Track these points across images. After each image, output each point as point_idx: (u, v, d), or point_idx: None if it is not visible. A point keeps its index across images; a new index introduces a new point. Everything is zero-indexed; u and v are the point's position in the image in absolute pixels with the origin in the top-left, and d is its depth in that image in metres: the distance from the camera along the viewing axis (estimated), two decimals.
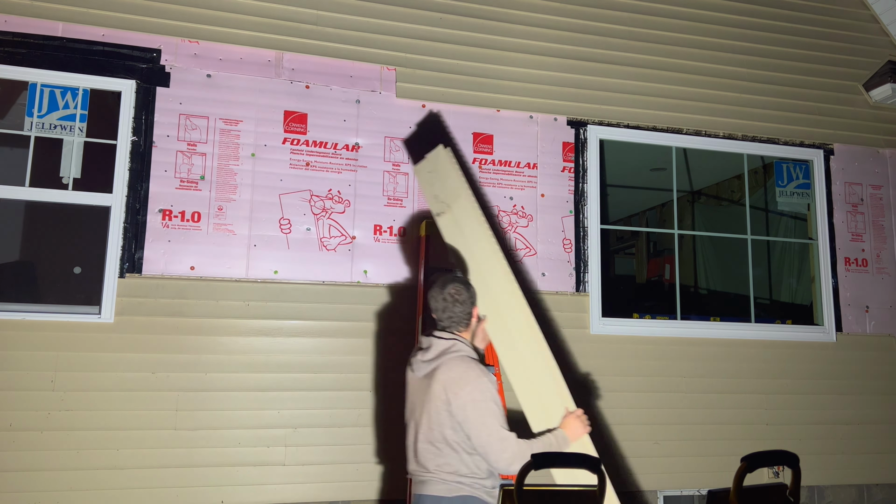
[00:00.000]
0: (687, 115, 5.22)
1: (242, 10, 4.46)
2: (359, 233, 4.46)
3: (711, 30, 5.39)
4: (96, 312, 4.02)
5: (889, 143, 5.65)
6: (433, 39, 4.78)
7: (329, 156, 4.50)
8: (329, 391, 4.26)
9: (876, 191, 5.59)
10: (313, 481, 4.16)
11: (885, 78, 5.56)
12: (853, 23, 5.76)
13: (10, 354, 3.86)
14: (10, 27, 4.10)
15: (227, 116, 4.37)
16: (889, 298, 5.44)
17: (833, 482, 5.05)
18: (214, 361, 4.11)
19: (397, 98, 4.66)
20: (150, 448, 3.95)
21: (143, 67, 4.27)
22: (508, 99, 4.86)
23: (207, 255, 4.20)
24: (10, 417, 3.81)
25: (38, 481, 3.80)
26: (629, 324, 4.88)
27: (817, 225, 5.45)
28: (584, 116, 5.00)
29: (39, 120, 4.14)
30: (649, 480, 4.70)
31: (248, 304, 4.20)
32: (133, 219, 4.13)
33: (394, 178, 4.59)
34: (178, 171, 4.25)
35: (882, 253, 5.51)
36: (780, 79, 5.47)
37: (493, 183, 4.75)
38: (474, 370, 2.81)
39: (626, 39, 5.18)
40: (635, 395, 4.75)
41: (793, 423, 5.02)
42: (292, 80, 4.51)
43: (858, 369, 5.23)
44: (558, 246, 4.80)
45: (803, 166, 5.54)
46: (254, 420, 4.12)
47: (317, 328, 4.30)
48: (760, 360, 5.05)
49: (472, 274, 3.46)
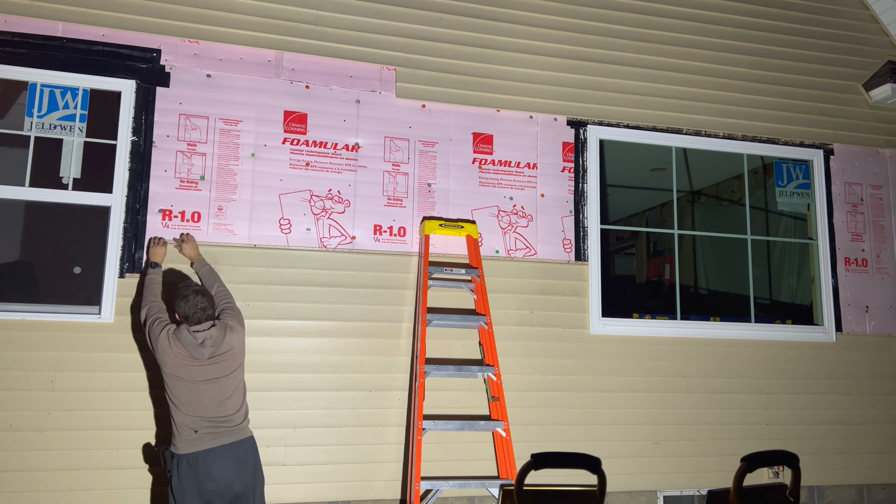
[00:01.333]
0: (687, 115, 5.22)
1: (242, 10, 4.46)
2: (359, 233, 4.46)
3: (711, 30, 5.39)
4: (96, 312, 4.02)
5: (889, 143, 5.66)
6: (433, 39, 4.78)
7: (329, 156, 4.50)
8: (329, 391, 4.26)
9: (876, 191, 5.59)
10: (313, 481, 4.16)
11: (885, 78, 5.56)
12: (853, 23, 5.76)
13: (10, 354, 3.86)
14: (10, 27, 4.10)
15: (227, 116, 4.37)
16: (889, 298, 5.44)
17: (833, 482, 5.05)
18: None
19: (397, 98, 4.66)
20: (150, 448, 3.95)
21: (143, 67, 4.27)
22: (508, 99, 4.86)
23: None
24: (10, 417, 3.81)
25: (38, 481, 3.80)
26: (629, 324, 4.88)
27: (817, 225, 5.45)
28: (584, 116, 5.00)
29: (39, 120, 4.13)
30: (649, 480, 4.70)
31: (247, 304, 4.20)
32: (133, 219, 4.13)
33: (394, 178, 4.59)
34: (178, 171, 4.25)
35: (882, 253, 5.51)
36: (779, 79, 5.48)
37: (493, 183, 4.76)
38: None
39: (626, 39, 5.18)
40: (635, 395, 4.75)
41: (793, 423, 5.02)
42: (292, 80, 4.50)
43: (858, 369, 5.23)
44: (558, 246, 4.80)
45: (803, 166, 5.54)
46: (254, 420, 4.11)
47: (317, 328, 4.30)
48: (760, 360, 5.05)
49: None
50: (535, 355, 4.61)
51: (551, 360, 4.63)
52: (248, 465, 3.44)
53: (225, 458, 3.35)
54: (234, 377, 3.49)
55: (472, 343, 4.51)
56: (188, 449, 3.33)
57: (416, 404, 4.06)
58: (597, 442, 4.54)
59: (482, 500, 4.43)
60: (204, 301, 3.46)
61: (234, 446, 3.40)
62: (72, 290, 5.47)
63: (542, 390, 4.58)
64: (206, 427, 3.36)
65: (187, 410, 3.37)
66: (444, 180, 4.67)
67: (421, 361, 4.14)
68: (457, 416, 4.32)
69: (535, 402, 4.54)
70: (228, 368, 3.47)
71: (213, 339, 3.42)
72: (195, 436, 3.34)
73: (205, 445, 3.34)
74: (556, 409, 4.58)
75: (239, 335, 3.56)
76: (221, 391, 3.43)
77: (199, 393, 3.38)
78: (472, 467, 4.34)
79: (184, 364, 3.38)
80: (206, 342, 3.40)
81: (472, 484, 4.15)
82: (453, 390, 4.38)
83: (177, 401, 3.39)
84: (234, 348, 3.51)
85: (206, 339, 3.41)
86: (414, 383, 4.24)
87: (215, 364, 3.42)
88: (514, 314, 4.62)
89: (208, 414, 3.38)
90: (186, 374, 3.38)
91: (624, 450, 4.66)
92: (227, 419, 3.42)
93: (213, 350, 3.42)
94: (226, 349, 3.47)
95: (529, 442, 4.35)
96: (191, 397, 3.38)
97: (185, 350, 3.38)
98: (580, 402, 4.64)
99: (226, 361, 3.46)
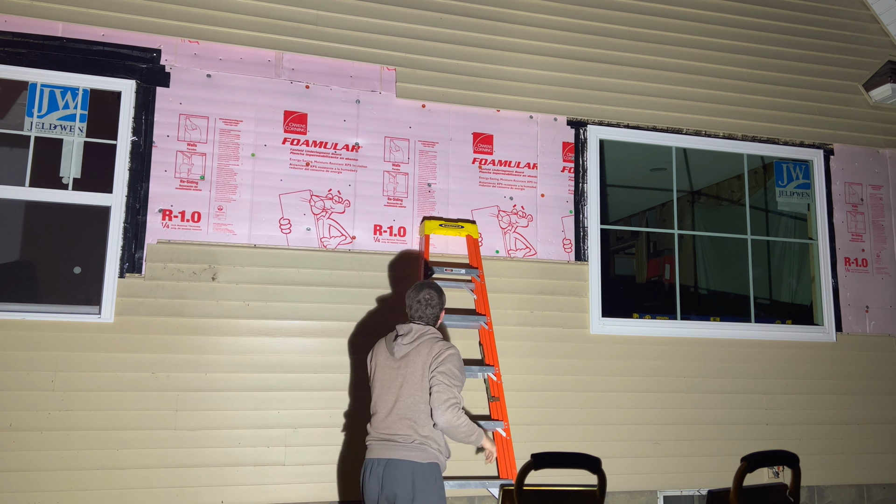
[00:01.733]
0: (687, 115, 5.22)
1: (242, 10, 4.46)
2: (359, 233, 4.46)
3: (711, 30, 5.39)
4: (96, 312, 4.02)
5: (889, 143, 5.66)
6: (433, 39, 4.78)
7: (329, 156, 4.50)
8: (329, 391, 4.26)
9: (876, 191, 5.59)
10: (313, 481, 4.16)
11: (885, 78, 5.56)
12: (853, 23, 5.76)
13: (10, 354, 3.86)
14: (10, 27, 4.10)
15: (227, 116, 4.37)
16: (889, 298, 5.44)
17: (833, 482, 5.05)
18: (214, 361, 4.11)
19: (397, 98, 4.66)
20: (149, 448, 3.95)
21: (143, 67, 4.27)
22: (508, 99, 4.86)
23: None
24: (10, 417, 3.81)
25: (38, 481, 3.80)
26: (629, 324, 4.88)
27: (817, 225, 5.45)
28: (584, 116, 5.00)
29: (39, 120, 4.13)
30: (649, 480, 4.70)
31: (247, 304, 4.20)
32: (133, 219, 4.13)
33: (394, 178, 4.59)
34: (178, 171, 4.25)
35: (882, 253, 5.51)
36: (780, 79, 5.48)
37: (493, 183, 4.76)
38: (448, 344, 3.35)
39: (626, 39, 5.18)
40: (635, 395, 4.75)
41: (793, 423, 5.02)
42: (292, 80, 4.51)
43: (858, 369, 5.24)
44: (558, 246, 4.80)
45: (803, 166, 5.54)
46: (254, 420, 4.12)
47: (317, 328, 4.30)
48: (760, 360, 5.05)
49: None
50: (535, 355, 4.61)
51: (551, 360, 4.63)
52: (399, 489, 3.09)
53: (377, 472, 3.16)
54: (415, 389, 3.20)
55: (472, 343, 4.51)
56: (366, 454, 3.28)
57: None
58: (597, 442, 4.54)
59: (482, 500, 4.43)
60: (430, 294, 3.37)
61: (393, 464, 3.13)
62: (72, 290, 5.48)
63: (543, 390, 4.58)
64: (378, 434, 3.24)
65: (372, 411, 3.31)
66: (444, 180, 4.67)
67: None
68: None
69: (535, 402, 4.54)
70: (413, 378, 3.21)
71: (412, 334, 3.28)
72: (370, 441, 3.27)
73: (373, 454, 3.23)
74: (556, 409, 4.58)
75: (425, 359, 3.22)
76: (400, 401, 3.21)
77: (382, 394, 3.28)
78: (472, 467, 4.34)
79: (382, 359, 3.34)
80: (402, 338, 3.29)
81: (473, 484, 4.15)
82: None
83: (372, 399, 3.33)
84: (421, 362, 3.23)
85: (406, 332, 3.30)
86: None
87: (406, 369, 3.24)
88: (514, 314, 4.62)
89: (382, 420, 3.23)
90: (380, 370, 3.32)
91: (624, 450, 4.66)
92: (396, 432, 3.18)
93: (407, 349, 3.27)
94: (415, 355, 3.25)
95: (529, 442, 4.35)
96: (376, 396, 3.30)
97: (385, 347, 3.35)
98: (580, 402, 4.64)
99: (411, 367, 3.23)
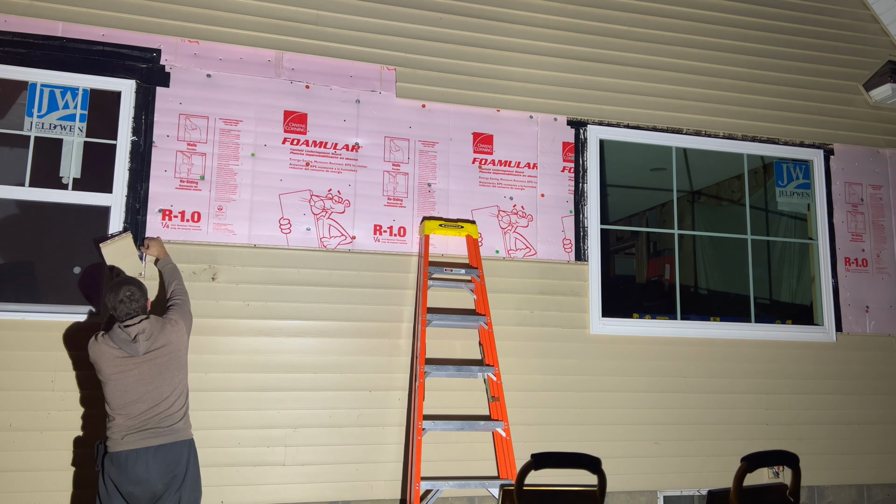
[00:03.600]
0: (687, 115, 5.22)
1: (242, 10, 4.46)
2: (359, 233, 4.46)
3: (711, 30, 5.39)
4: (96, 313, 4.02)
5: (889, 143, 5.65)
6: (433, 39, 4.78)
7: (329, 156, 4.50)
8: (329, 391, 4.26)
9: (876, 191, 5.59)
10: (313, 481, 4.16)
11: (885, 78, 5.56)
12: (853, 23, 5.76)
13: (10, 354, 3.86)
14: (10, 27, 4.10)
15: (227, 116, 4.37)
16: (889, 298, 5.44)
17: (833, 482, 5.05)
18: (214, 361, 4.11)
19: (397, 98, 4.66)
20: None
21: (142, 67, 4.27)
22: (508, 99, 4.86)
23: None
24: (10, 417, 3.81)
25: (38, 481, 3.80)
26: (629, 324, 4.87)
27: (817, 225, 5.45)
28: (584, 116, 5.00)
29: (39, 120, 4.13)
30: (649, 480, 4.70)
31: (247, 304, 4.20)
32: (133, 219, 4.13)
33: (394, 178, 4.59)
34: (177, 171, 4.25)
35: (882, 253, 5.50)
36: (779, 79, 5.47)
37: (493, 183, 4.75)
38: None
39: (626, 39, 5.18)
40: (635, 394, 4.75)
41: (793, 423, 5.02)
42: (292, 80, 4.50)
43: (858, 369, 5.23)
44: (558, 246, 4.80)
45: (803, 166, 5.54)
46: (254, 420, 4.12)
47: (317, 328, 4.30)
48: (760, 360, 5.04)
49: None
50: (535, 355, 4.61)
51: (551, 360, 4.63)
52: (178, 469, 3.28)
53: (150, 459, 3.20)
54: (173, 377, 3.35)
55: (472, 343, 4.51)
56: (116, 447, 3.22)
57: (416, 404, 4.06)
58: (597, 442, 4.54)
59: (482, 500, 4.43)
60: (132, 290, 3.31)
61: (164, 448, 3.25)
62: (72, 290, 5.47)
63: (543, 390, 4.58)
64: (135, 426, 3.23)
65: (120, 409, 3.24)
66: (444, 180, 4.67)
67: (421, 361, 4.14)
68: (457, 416, 4.32)
69: (535, 403, 4.54)
70: (166, 366, 3.32)
71: (146, 332, 3.28)
72: (124, 434, 3.22)
73: (131, 445, 3.21)
74: (556, 409, 4.58)
75: (179, 330, 3.42)
76: (158, 392, 3.29)
77: (134, 392, 3.25)
78: (472, 467, 4.34)
79: (120, 362, 3.24)
80: (139, 336, 3.25)
81: (473, 484, 4.15)
82: (453, 390, 4.38)
83: (111, 399, 3.26)
84: (173, 343, 3.37)
85: (138, 332, 3.26)
86: (414, 383, 4.24)
87: (151, 361, 3.28)
88: (514, 314, 4.62)
89: (141, 414, 3.24)
90: (122, 373, 3.24)
91: (624, 450, 4.66)
92: (161, 420, 3.28)
93: (148, 344, 3.28)
94: (163, 343, 3.32)
95: (529, 442, 4.36)
96: (126, 396, 3.24)
97: (118, 349, 3.25)
98: (580, 402, 4.64)
99: (163, 358, 3.31)
